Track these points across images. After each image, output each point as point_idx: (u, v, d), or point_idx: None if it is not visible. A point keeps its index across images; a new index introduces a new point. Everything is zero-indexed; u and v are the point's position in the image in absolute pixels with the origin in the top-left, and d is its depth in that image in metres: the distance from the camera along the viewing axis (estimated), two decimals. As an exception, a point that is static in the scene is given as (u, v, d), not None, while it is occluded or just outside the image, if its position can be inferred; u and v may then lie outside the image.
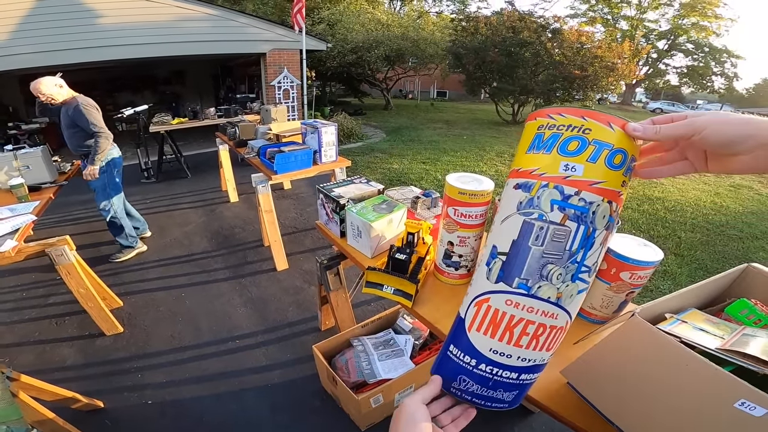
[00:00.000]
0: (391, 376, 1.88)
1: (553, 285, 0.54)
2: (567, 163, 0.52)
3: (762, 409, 0.58)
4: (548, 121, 0.55)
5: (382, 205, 1.59)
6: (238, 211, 4.79)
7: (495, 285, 0.57)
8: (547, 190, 0.53)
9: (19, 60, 6.12)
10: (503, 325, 0.56)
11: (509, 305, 0.56)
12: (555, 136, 0.54)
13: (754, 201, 5.75)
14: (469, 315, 0.60)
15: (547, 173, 0.53)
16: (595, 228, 0.52)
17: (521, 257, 0.54)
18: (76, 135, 3.12)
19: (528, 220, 0.54)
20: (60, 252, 2.24)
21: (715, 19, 20.00)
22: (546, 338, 0.57)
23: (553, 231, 0.52)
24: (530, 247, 0.54)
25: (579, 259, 0.53)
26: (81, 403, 2.00)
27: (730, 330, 0.78)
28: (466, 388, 0.60)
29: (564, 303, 0.55)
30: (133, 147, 6.26)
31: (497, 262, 0.57)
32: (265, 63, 8.58)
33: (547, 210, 0.53)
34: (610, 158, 0.51)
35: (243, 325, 2.73)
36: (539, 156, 0.54)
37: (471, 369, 0.59)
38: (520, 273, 0.54)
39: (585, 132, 0.52)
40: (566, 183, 0.52)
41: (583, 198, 0.51)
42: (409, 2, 22.54)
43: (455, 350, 0.61)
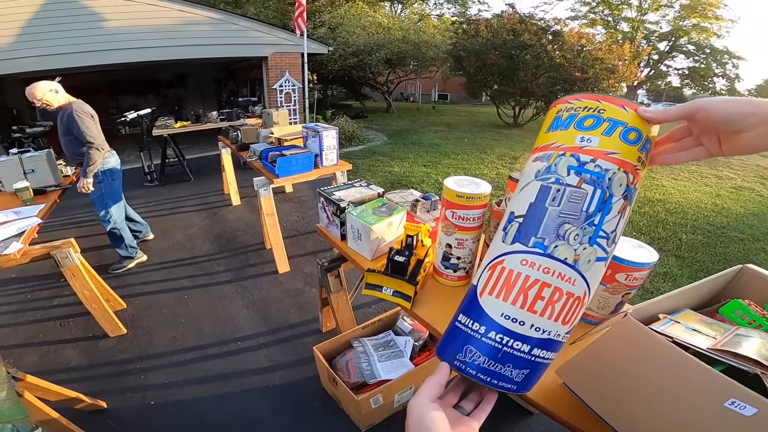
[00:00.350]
0: (391, 376, 1.90)
1: (570, 246, 0.53)
2: (583, 136, 0.54)
3: (752, 409, 0.59)
4: (566, 105, 0.58)
5: (381, 208, 1.62)
6: (241, 215, 4.82)
7: (511, 246, 0.56)
8: (564, 158, 0.54)
9: (24, 63, 6.18)
10: (517, 286, 0.54)
11: (524, 265, 0.54)
12: (572, 116, 0.57)
13: (755, 202, 5.74)
14: (482, 280, 0.58)
15: (564, 144, 0.55)
16: (611, 194, 0.53)
17: (538, 217, 0.54)
18: (72, 143, 3.05)
19: (545, 184, 0.55)
20: (65, 254, 2.26)
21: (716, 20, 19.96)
22: (562, 306, 0.54)
23: (569, 192, 0.53)
24: (547, 207, 0.54)
25: (596, 222, 0.53)
26: (84, 404, 2.02)
27: (723, 330, 0.80)
28: (472, 359, 0.55)
29: (581, 268, 0.54)
30: (136, 150, 6.32)
31: (514, 224, 0.57)
32: (266, 66, 8.62)
33: (563, 174, 0.54)
34: (624, 134, 0.53)
35: (245, 326, 2.75)
36: (557, 132, 0.57)
37: (479, 337, 0.55)
38: (537, 232, 0.54)
39: (600, 112, 0.55)
40: (582, 152, 0.54)
41: (599, 165, 0.53)
42: (410, 5, 22.61)
43: (464, 319, 0.58)
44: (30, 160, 2.97)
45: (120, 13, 6.71)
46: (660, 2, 20.46)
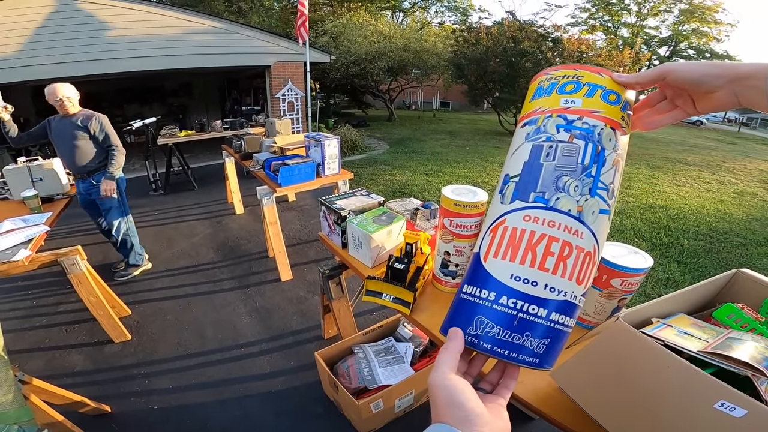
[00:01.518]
0: (392, 382, 1.91)
1: (572, 197, 0.52)
2: (566, 99, 0.56)
3: (742, 410, 0.60)
4: (546, 77, 0.60)
5: (382, 217, 1.64)
6: (244, 223, 4.85)
7: (510, 205, 0.54)
8: (552, 118, 0.55)
9: (32, 71, 6.27)
10: (524, 243, 0.51)
11: (528, 221, 0.52)
12: (553, 84, 0.58)
13: (758, 207, 5.73)
14: (484, 244, 0.55)
15: (549, 108, 0.57)
16: (603, 147, 0.53)
17: (534, 174, 0.54)
18: (87, 146, 3.05)
19: (537, 143, 0.55)
20: (72, 261, 2.30)
21: (715, 24, 20.05)
22: (575, 262, 0.51)
23: (562, 147, 0.53)
24: (542, 163, 0.54)
25: (593, 173, 0.52)
26: (89, 408, 2.05)
27: (715, 334, 0.81)
28: (485, 332, 0.50)
29: (587, 220, 0.52)
30: (141, 159, 6.36)
31: (510, 185, 0.56)
32: (269, 75, 8.70)
33: (553, 132, 0.54)
34: (604, 95, 0.55)
35: (248, 333, 2.77)
36: (541, 99, 0.59)
37: (490, 305, 0.50)
38: (535, 187, 0.53)
39: (579, 78, 0.57)
40: (568, 112, 0.55)
41: (586, 122, 0.54)
42: (411, 13, 22.79)
43: (470, 288, 0.53)
44: (38, 169, 3.01)
45: (125, 22, 6.81)
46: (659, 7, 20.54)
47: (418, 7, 23.22)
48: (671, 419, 0.71)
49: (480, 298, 0.52)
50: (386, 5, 21.29)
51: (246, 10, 15.40)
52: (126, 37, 6.85)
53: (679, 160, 8.84)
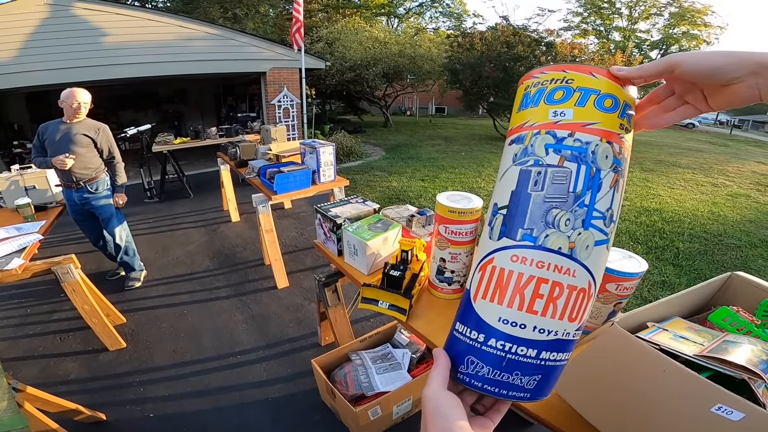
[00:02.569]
0: (389, 388, 1.91)
1: (563, 233, 0.48)
2: (555, 110, 0.50)
3: (739, 414, 0.60)
4: (533, 81, 0.53)
5: (377, 224, 1.64)
6: (240, 231, 4.84)
7: (498, 242, 0.51)
8: (539, 136, 0.50)
9: (26, 78, 6.27)
10: (511, 286, 0.49)
11: (515, 261, 0.49)
12: (540, 90, 0.52)
13: (751, 209, 5.77)
14: (474, 283, 0.53)
15: (537, 122, 0.51)
16: (598, 168, 0.48)
17: (522, 206, 0.50)
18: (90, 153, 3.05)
19: (524, 168, 0.50)
20: (66, 270, 2.28)
21: (705, 27, 20.27)
22: (566, 302, 0.49)
23: (551, 173, 0.49)
24: (530, 193, 0.49)
25: (587, 201, 0.48)
26: (84, 416, 2.03)
27: (711, 337, 0.81)
28: (476, 371, 0.50)
29: (580, 256, 0.48)
30: (136, 167, 6.34)
31: (498, 217, 0.52)
32: (265, 82, 8.71)
33: (542, 155, 0.49)
34: (599, 102, 0.49)
35: (244, 341, 2.75)
36: (528, 111, 0.53)
37: (479, 346, 0.50)
38: (523, 223, 0.49)
39: (568, 82, 0.51)
40: (557, 127, 0.49)
41: (579, 138, 0.49)
42: (406, 19, 22.92)
43: (461, 327, 0.53)
44: (31, 177, 3.00)
45: (120, 29, 6.83)
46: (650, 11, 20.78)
47: (413, 13, 23.34)
48: (668, 424, 0.71)
49: (470, 338, 0.51)
50: (381, 11, 21.39)
51: (241, 17, 15.46)
52: (120, 44, 6.86)
53: (673, 163, 8.90)
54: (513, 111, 0.57)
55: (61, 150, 2.91)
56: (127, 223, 3.44)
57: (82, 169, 3.02)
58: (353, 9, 20.00)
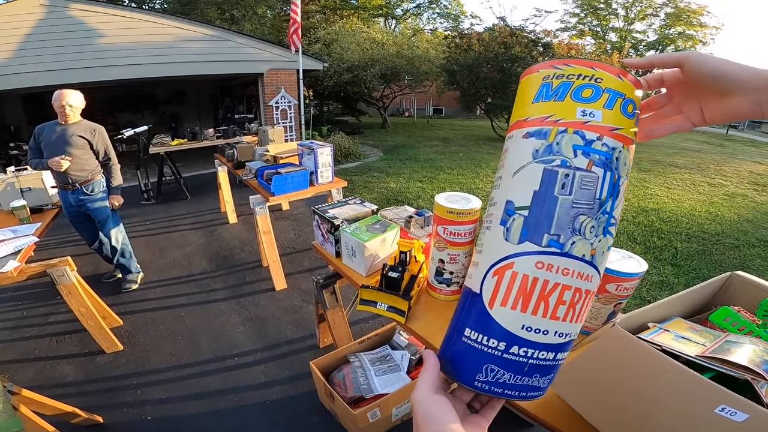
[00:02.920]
0: (388, 390, 1.90)
1: (587, 240, 0.47)
2: (584, 109, 0.48)
3: (743, 415, 0.60)
4: (554, 71, 0.50)
5: (375, 225, 1.63)
6: (237, 232, 4.83)
7: (519, 246, 0.48)
8: (567, 135, 0.48)
9: (22, 79, 6.25)
10: (536, 294, 0.48)
11: (541, 268, 0.47)
12: (566, 84, 0.49)
13: (749, 209, 5.78)
14: (488, 288, 0.50)
15: (564, 119, 0.48)
16: (619, 175, 0.48)
17: (548, 209, 0.47)
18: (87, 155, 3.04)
19: (549, 167, 0.47)
20: (61, 272, 2.27)
21: (701, 27, 20.33)
22: (582, 306, 0.49)
23: (580, 178, 0.47)
24: (557, 196, 0.47)
25: (608, 209, 0.48)
26: (81, 418, 2.02)
27: (713, 338, 0.80)
28: (496, 379, 0.49)
29: (597, 262, 0.49)
30: (133, 168, 6.32)
31: (517, 218, 0.49)
32: (262, 83, 8.70)
33: (570, 156, 0.47)
34: (624, 106, 0.48)
35: (242, 343, 2.74)
36: (551, 104, 0.49)
37: (500, 355, 0.49)
38: (549, 228, 0.47)
39: (597, 81, 0.48)
40: (587, 128, 0.47)
41: (606, 143, 0.47)
42: (403, 20, 22.94)
43: (474, 334, 0.50)
44: (27, 179, 2.98)
45: (117, 30, 6.81)
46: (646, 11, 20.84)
47: (411, 14, 23.35)
48: (670, 425, 0.71)
49: (487, 346, 0.49)
50: (379, 12, 21.40)
51: (239, 18, 15.44)
52: (117, 45, 6.84)
53: (670, 163, 8.92)
54: (523, 100, 0.53)
55: (57, 152, 2.89)
56: (123, 225, 3.42)
57: (78, 171, 3.00)
58: (351, 10, 20.01)
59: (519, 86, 0.55)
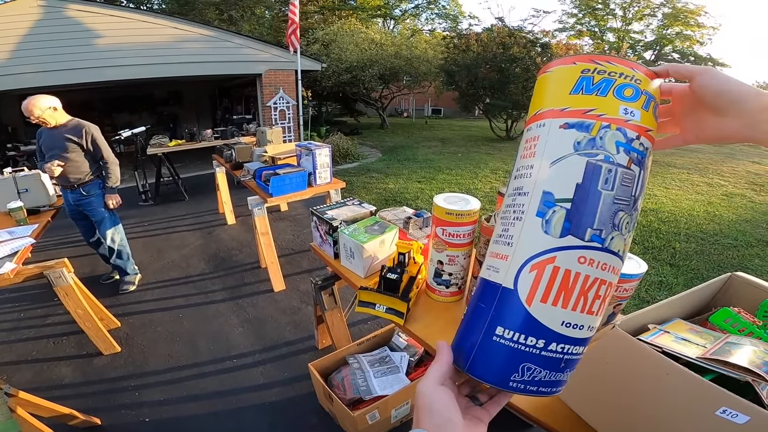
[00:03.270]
0: (387, 392, 1.89)
1: (623, 236, 0.48)
2: (626, 107, 0.48)
3: (744, 417, 0.59)
4: (595, 66, 0.50)
5: (374, 227, 1.63)
6: (236, 234, 4.81)
7: (561, 240, 0.47)
8: (610, 131, 0.48)
9: (20, 80, 6.22)
10: (577, 289, 0.47)
11: (583, 263, 0.47)
12: (608, 81, 0.49)
13: (747, 209, 5.78)
14: (525, 283, 0.48)
15: (607, 114, 0.48)
16: (646, 174, 0.50)
17: (592, 204, 0.47)
18: (79, 158, 2.98)
19: (593, 161, 0.47)
20: (58, 274, 2.26)
21: (698, 28, 20.34)
22: (609, 298, 0.50)
23: (622, 174, 0.47)
24: (601, 191, 0.47)
25: (638, 206, 0.50)
26: (78, 420, 2.01)
27: (713, 339, 0.80)
28: (532, 377, 0.48)
29: (624, 255, 0.50)
30: (130, 169, 6.30)
31: (558, 211, 0.47)
32: (261, 83, 8.68)
33: (613, 152, 0.47)
34: (655, 109, 0.50)
35: (240, 344, 2.73)
36: (593, 98, 0.49)
37: (539, 352, 0.48)
38: (593, 223, 0.47)
39: (637, 82, 0.49)
40: (628, 126, 0.48)
41: (642, 143, 0.48)
42: (402, 21, 22.94)
43: (509, 333, 0.48)
44: (24, 180, 2.96)
45: (115, 30, 6.79)
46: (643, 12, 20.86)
47: (409, 15, 23.36)
48: (671, 427, 0.70)
49: (525, 345, 0.48)
50: (377, 13, 21.41)
51: (237, 19, 15.42)
52: (115, 46, 6.82)
53: (668, 163, 8.92)
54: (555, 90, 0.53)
55: (52, 156, 2.91)
56: (122, 226, 3.41)
57: (73, 173, 2.99)
58: (349, 11, 20.01)
59: (546, 76, 0.55)
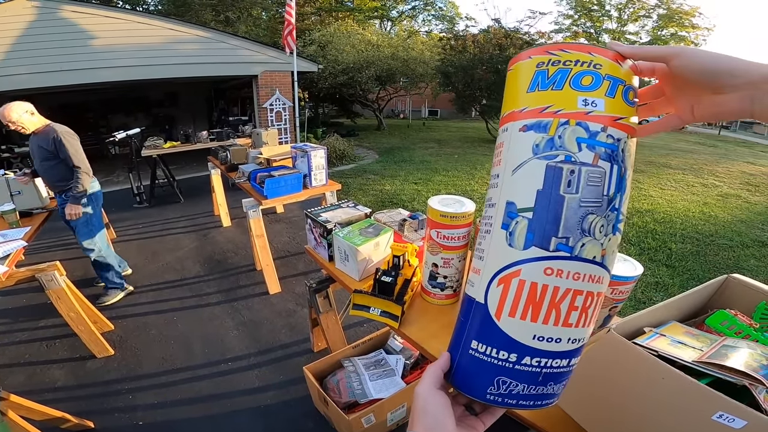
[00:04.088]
0: (383, 395, 1.88)
1: (597, 240, 0.44)
2: (585, 98, 0.44)
3: (741, 421, 0.58)
4: (549, 57, 0.46)
5: (368, 229, 1.62)
6: (231, 236, 4.79)
7: (525, 252, 0.45)
8: (569, 127, 0.44)
9: (14, 81, 6.17)
10: (546, 302, 0.45)
11: (550, 275, 0.44)
12: (563, 71, 0.45)
13: (742, 209, 5.80)
14: (493, 298, 0.47)
15: (564, 110, 0.44)
16: (625, 168, 0.46)
17: (554, 211, 0.44)
18: (56, 167, 2.85)
19: (553, 163, 0.44)
20: (50, 277, 2.25)
21: (693, 29, 20.45)
22: (593, 309, 0.47)
23: (587, 173, 0.43)
24: (563, 195, 0.44)
25: (617, 205, 0.45)
26: (71, 424, 2.00)
27: (709, 342, 0.80)
28: (509, 391, 0.47)
29: (607, 262, 0.46)
30: (125, 171, 6.27)
31: (520, 221, 0.45)
32: (257, 85, 8.67)
33: (574, 150, 0.44)
34: (625, 93, 0.45)
35: (235, 347, 2.71)
36: (548, 93, 0.45)
37: (512, 366, 0.47)
38: (557, 231, 0.44)
39: (596, 67, 0.45)
40: (590, 119, 0.44)
41: (611, 134, 0.44)
42: (399, 22, 22.96)
43: (482, 347, 0.48)
44: (17, 182, 2.94)
45: (109, 31, 6.75)
46: (639, 13, 20.98)
47: (406, 16, 23.36)
48: (669, 431, 0.69)
49: (497, 359, 0.47)
50: (374, 14, 21.40)
51: (234, 20, 15.36)
52: (110, 47, 6.78)
53: (663, 164, 8.96)
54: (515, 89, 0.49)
55: (35, 162, 2.85)
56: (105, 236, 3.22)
57: (51, 180, 2.91)
58: (346, 12, 20.00)
59: (509, 75, 0.51)
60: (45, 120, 2.86)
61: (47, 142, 2.77)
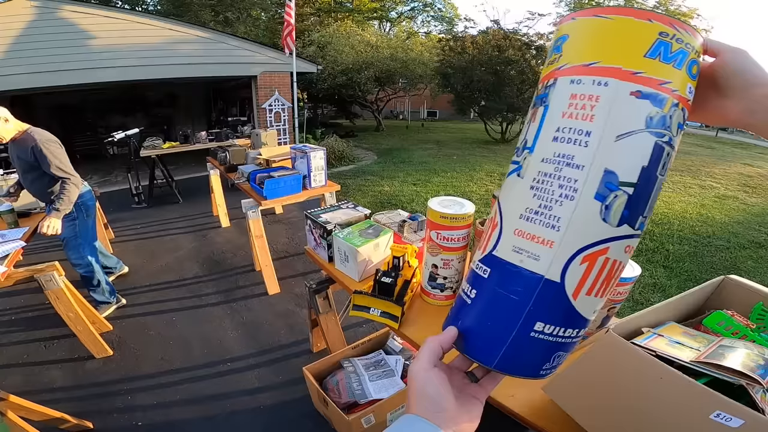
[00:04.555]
0: (382, 396, 1.89)
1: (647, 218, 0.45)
2: (690, 86, 0.43)
3: (738, 420, 0.59)
4: (675, 33, 0.42)
5: (368, 230, 1.62)
6: (230, 236, 4.79)
7: (617, 229, 0.42)
8: (677, 110, 0.42)
9: (11, 81, 6.15)
10: (614, 278, 0.45)
11: (627, 252, 0.44)
12: (683, 53, 0.42)
13: (739, 211, 5.83)
14: (573, 277, 0.43)
15: (679, 92, 0.42)
16: None
17: (650, 190, 0.43)
18: (40, 179, 2.60)
19: (660, 142, 0.42)
20: (49, 278, 2.25)
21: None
22: None
23: (672, 159, 0.44)
24: (658, 177, 0.43)
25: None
26: (70, 424, 2.00)
27: (707, 342, 0.80)
28: (558, 362, 0.48)
29: None
30: (124, 171, 6.26)
31: (620, 196, 0.42)
32: (256, 85, 8.66)
33: (675, 133, 0.43)
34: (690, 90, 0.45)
35: (234, 348, 2.71)
36: (669, 68, 0.42)
37: (572, 341, 0.46)
38: (644, 210, 0.43)
39: (701, 59, 0.45)
40: (688, 107, 0.44)
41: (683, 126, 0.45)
42: (398, 23, 22.98)
43: (549, 328, 0.45)
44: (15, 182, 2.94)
45: (108, 31, 6.74)
46: (638, 15, 21.11)
47: (405, 17, 23.38)
48: (667, 431, 0.70)
49: (564, 337, 0.46)
50: (373, 15, 21.41)
51: (233, 20, 15.36)
52: (108, 47, 6.77)
53: (662, 166, 8.98)
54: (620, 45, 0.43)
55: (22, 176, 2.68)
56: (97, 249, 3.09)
57: (41, 195, 2.71)
58: (345, 13, 20.01)
59: (605, 22, 0.44)
60: (22, 125, 2.55)
61: (26, 153, 2.49)
